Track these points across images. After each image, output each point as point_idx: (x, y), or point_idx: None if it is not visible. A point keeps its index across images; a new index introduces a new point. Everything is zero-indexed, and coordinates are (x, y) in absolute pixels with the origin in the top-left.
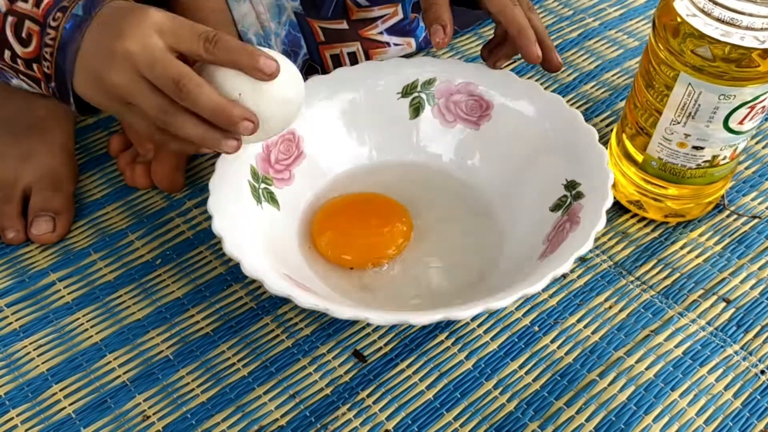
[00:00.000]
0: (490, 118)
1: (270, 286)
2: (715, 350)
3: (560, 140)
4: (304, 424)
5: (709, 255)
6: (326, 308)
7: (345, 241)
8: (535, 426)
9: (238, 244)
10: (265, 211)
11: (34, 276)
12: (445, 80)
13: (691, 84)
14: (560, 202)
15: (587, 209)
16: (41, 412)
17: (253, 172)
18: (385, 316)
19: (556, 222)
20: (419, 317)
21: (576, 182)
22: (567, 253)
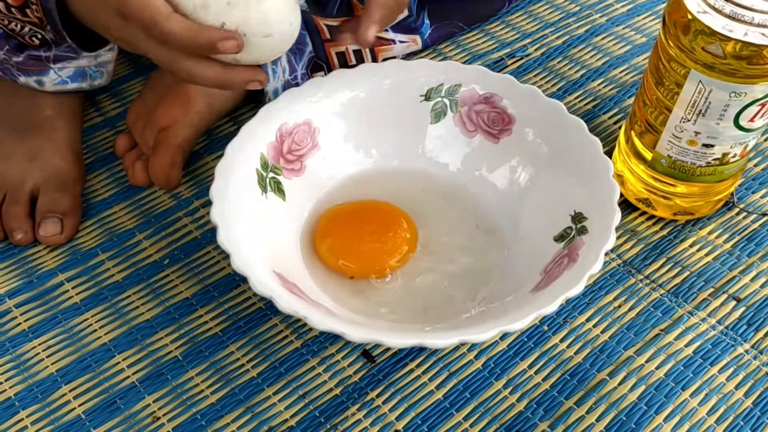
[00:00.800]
0: (511, 133)
1: (255, 286)
2: (726, 349)
3: (576, 168)
4: (313, 424)
5: (719, 253)
6: (305, 316)
7: (347, 249)
8: (545, 426)
9: (232, 238)
10: (269, 200)
11: (42, 276)
12: (471, 88)
13: (701, 81)
14: (564, 233)
15: (587, 247)
16: (51, 413)
17: (262, 161)
18: (398, 340)
19: (557, 254)
20: (435, 340)
21: (583, 216)
22: (556, 292)
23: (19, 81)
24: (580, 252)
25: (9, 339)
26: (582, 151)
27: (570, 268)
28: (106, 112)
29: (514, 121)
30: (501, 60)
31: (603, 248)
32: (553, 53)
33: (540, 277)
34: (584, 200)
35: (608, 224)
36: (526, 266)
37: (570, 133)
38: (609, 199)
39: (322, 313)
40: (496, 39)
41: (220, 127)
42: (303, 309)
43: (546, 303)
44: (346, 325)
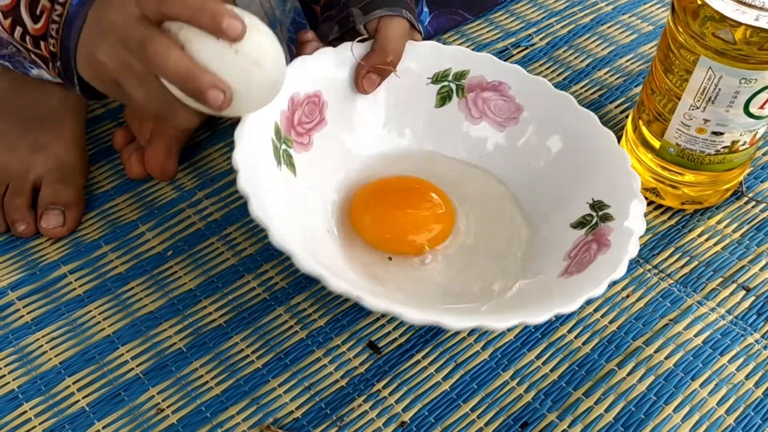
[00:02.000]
0: (517, 122)
1: (300, 263)
2: (736, 339)
3: (589, 159)
4: (319, 416)
5: (728, 242)
6: (358, 296)
7: (390, 225)
8: (553, 417)
9: (263, 207)
10: (283, 173)
11: (45, 268)
12: (479, 75)
13: (711, 68)
14: (584, 220)
15: (617, 233)
16: (54, 405)
17: (276, 130)
18: (416, 315)
19: (579, 241)
20: (453, 321)
21: (604, 204)
22: (599, 275)
23: (32, 73)
24: (611, 238)
25: (12, 331)
26: (595, 143)
27: (605, 253)
28: (108, 103)
29: (522, 110)
30: (506, 50)
31: (637, 234)
32: (559, 42)
33: (566, 262)
34: (602, 189)
35: (636, 211)
36: (544, 252)
37: (582, 127)
38: (632, 188)
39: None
40: (501, 28)
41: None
42: (327, 274)
43: (592, 285)
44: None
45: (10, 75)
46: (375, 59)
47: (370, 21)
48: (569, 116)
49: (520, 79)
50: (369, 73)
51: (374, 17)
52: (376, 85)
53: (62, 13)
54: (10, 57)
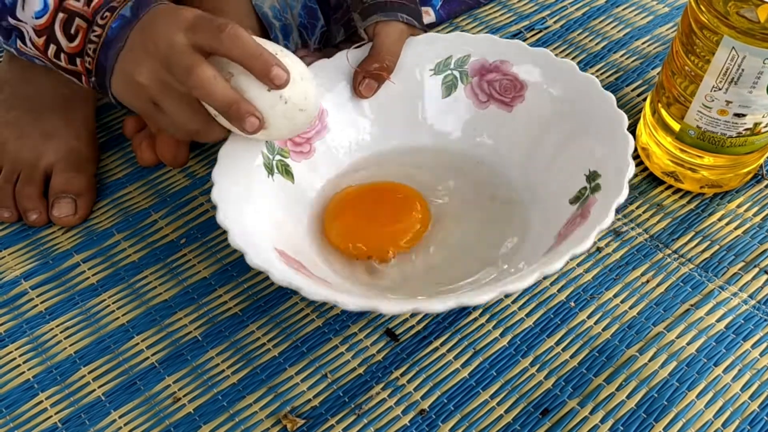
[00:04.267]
0: (524, 100)
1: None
2: (759, 324)
3: (590, 126)
4: (337, 404)
5: (749, 226)
6: (335, 300)
7: (358, 232)
8: (574, 403)
9: (230, 216)
10: (276, 183)
11: (57, 257)
12: (480, 57)
13: (734, 48)
14: (579, 194)
15: (599, 204)
16: (71, 394)
17: (268, 145)
18: (395, 306)
19: (572, 216)
20: (432, 305)
21: (597, 173)
22: (562, 250)
23: (37, 61)
24: (592, 209)
25: (26, 321)
26: (595, 107)
27: (580, 226)
28: None
29: (526, 86)
30: (519, 33)
31: (614, 203)
32: (573, 25)
33: (554, 240)
34: (599, 158)
35: (620, 178)
36: (541, 232)
37: (583, 91)
38: (622, 151)
39: (318, 284)
40: (514, 11)
41: None
42: (299, 280)
43: (550, 261)
44: (340, 294)
45: (19, 63)
46: (370, 64)
47: (368, 26)
48: (571, 83)
49: (520, 55)
50: (365, 78)
51: (371, 23)
52: (375, 90)
53: (101, 35)
54: None
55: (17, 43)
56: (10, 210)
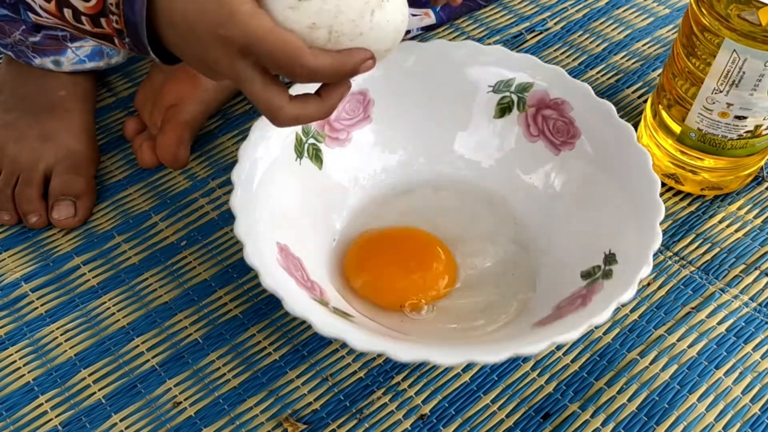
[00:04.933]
0: (573, 148)
1: (264, 280)
2: (760, 326)
3: (626, 205)
4: (338, 408)
5: (749, 229)
6: (344, 338)
7: (383, 285)
8: (575, 407)
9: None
10: (303, 167)
11: (58, 260)
12: (543, 89)
13: (735, 51)
14: (592, 271)
15: (602, 294)
16: (71, 397)
17: (305, 126)
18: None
19: (576, 291)
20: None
21: (615, 259)
22: (545, 334)
23: (34, 63)
24: (594, 297)
25: (26, 323)
26: (637, 187)
27: (576, 312)
28: (119, 92)
29: (579, 135)
30: (520, 34)
31: (616, 300)
32: (574, 27)
33: (549, 312)
34: (622, 241)
35: (632, 277)
36: (546, 297)
37: (630, 166)
38: (647, 247)
39: (327, 316)
40: (515, 13)
41: (234, 106)
42: (306, 311)
43: (529, 344)
44: (350, 330)
45: (15, 66)
46: None
47: None
48: (622, 150)
49: (584, 100)
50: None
51: None
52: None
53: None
54: (13, 46)
55: (29, 16)
56: (10, 212)
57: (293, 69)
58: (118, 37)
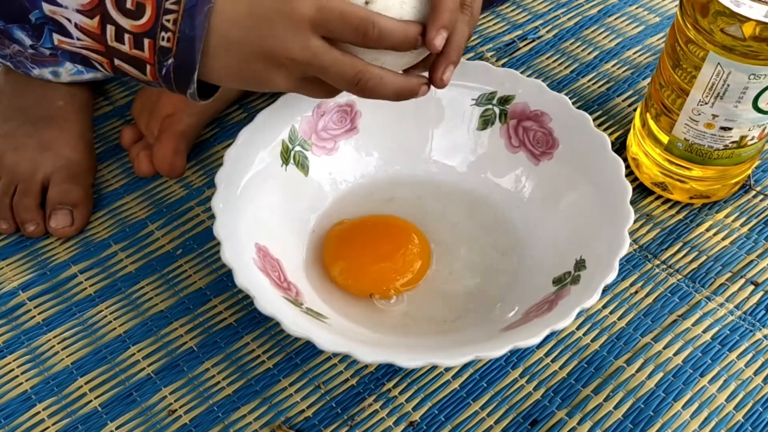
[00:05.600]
0: (551, 158)
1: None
2: (744, 334)
3: (598, 212)
4: (330, 415)
5: (736, 237)
6: (310, 338)
7: (360, 270)
8: (562, 414)
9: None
10: (288, 173)
11: (55, 268)
12: (523, 101)
13: (720, 64)
14: (563, 277)
15: (567, 300)
16: (67, 405)
17: (292, 133)
18: (368, 356)
19: (545, 297)
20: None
21: (584, 264)
22: (507, 339)
23: (32, 73)
24: (560, 303)
25: (24, 332)
26: (610, 194)
27: (541, 317)
28: (116, 101)
29: (558, 145)
30: (513, 42)
31: (579, 306)
32: (566, 35)
33: (520, 316)
34: (592, 248)
35: (597, 283)
36: (515, 302)
37: (604, 174)
38: (612, 254)
39: (297, 316)
40: (508, 20)
41: (230, 114)
42: (276, 311)
43: (491, 348)
44: (317, 330)
45: (14, 75)
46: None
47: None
48: (597, 159)
49: (562, 111)
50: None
51: None
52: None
53: (180, 1)
54: (12, 57)
55: (53, 40)
56: (8, 221)
57: (367, 29)
58: (154, 62)
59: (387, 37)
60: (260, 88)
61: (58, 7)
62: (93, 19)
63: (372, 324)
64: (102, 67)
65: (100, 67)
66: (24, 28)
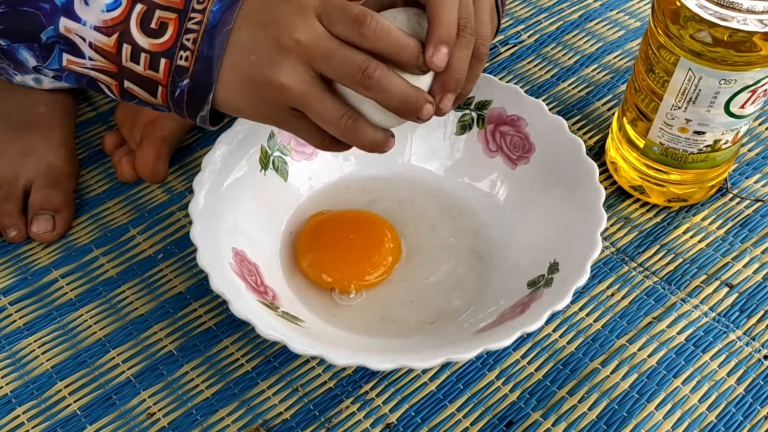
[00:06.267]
0: (528, 162)
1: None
2: (718, 336)
3: (575, 214)
4: (308, 417)
5: (712, 239)
6: (283, 340)
7: (329, 264)
8: (537, 416)
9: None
10: (267, 178)
11: (36, 273)
12: (500, 107)
13: (691, 69)
14: (537, 280)
15: (538, 303)
16: (47, 409)
17: (270, 137)
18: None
19: (519, 300)
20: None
21: (557, 267)
22: (478, 342)
23: (15, 80)
24: (532, 305)
25: (4, 336)
26: (584, 198)
27: (513, 320)
28: (99, 106)
29: (534, 150)
30: (494, 47)
31: (550, 309)
32: (547, 39)
33: (495, 319)
34: (566, 251)
35: (569, 286)
36: (492, 302)
37: (579, 177)
38: (584, 257)
39: (272, 320)
40: None
41: None
42: (250, 314)
43: (462, 351)
44: (290, 333)
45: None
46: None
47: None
48: (572, 163)
49: (538, 116)
50: (449, 92)
51: None
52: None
53: (201, 21)
54: None
55: (62, 60)
56: None
57: (365, 19)
58: (168, 83)
59: (385, 33)
60: (267, 96)
61: (76, 23)
62: (110, 37)
63: (350, 327)
64: (109, 90)
65: (107, 90)
66: (31, 48)
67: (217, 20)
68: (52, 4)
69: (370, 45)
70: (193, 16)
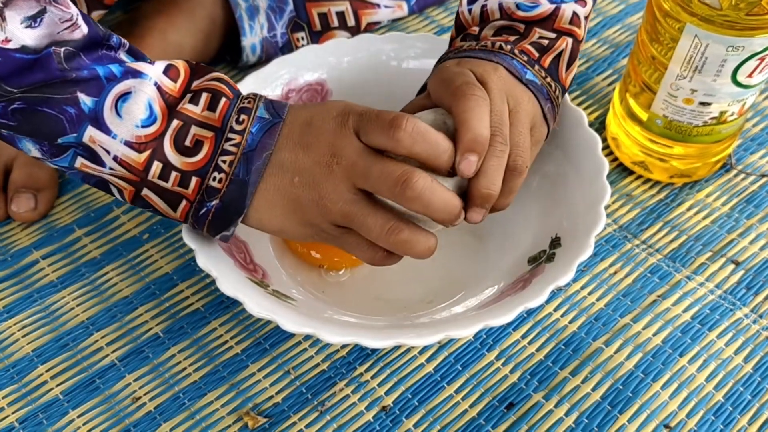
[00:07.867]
0: None
1: None
2: (725, 314)
3: (576, 189)
4: (300, 400)
5: (717, 216)
6: (273, 318)
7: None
8: (539, 397)
9: None
10: None
11: (16, 254)
12: None
13: (697, 35)
14: (538, 256)
15: (541, 278)
16: (28, 393)
17: None
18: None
19: (520, 277)
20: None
21: (559, 242)
22: (480, 317)
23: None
24: (534, 281)
25: None
26: (586, 170)
27: (514, 296)
28: None
29: None
30: None
31: (553, 284)
32: None
33: (496, 296)
34: (568, 225)
35: (572, 261)
36: (495, 281)
37: (581, 149)
38: (588, 231)
39: (261, 297)
40: None
41: None
42: (238, 291)
43: (461, 327)
44: (281, 310)
45: None
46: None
47: None
48: (574, 134)
49: None
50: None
51: None
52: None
53: (240, 143)
54: None
55: (75, 162)
56: None
57: (401, 122)
58: (194, 200)
59: (421, 133)
60: (310, 217)
61: (105, 135)
62: (141, 153)
63: (344, 307)
64: (119, 192)
65: (115, 191)
66: (40, 144)
67: (255, 143)
68: (78, 109)
69: (406, 149)
70: (231, 137)
